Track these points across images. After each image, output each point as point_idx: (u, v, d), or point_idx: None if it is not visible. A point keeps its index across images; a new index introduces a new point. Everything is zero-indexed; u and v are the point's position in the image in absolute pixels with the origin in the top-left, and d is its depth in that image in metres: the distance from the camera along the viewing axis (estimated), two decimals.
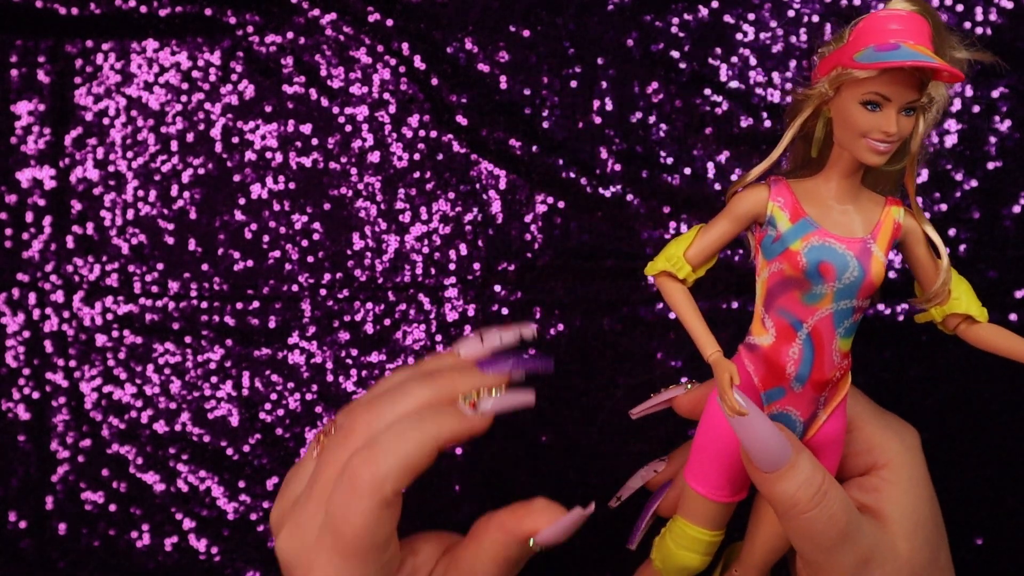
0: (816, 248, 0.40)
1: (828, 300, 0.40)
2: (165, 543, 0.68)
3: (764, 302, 0.42)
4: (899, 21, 0.38)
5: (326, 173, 0.67)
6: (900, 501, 0.43)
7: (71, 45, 0.67)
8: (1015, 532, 0.65)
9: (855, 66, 0.37)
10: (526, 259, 0.66)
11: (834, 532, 0.40)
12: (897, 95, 0.38)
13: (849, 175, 0.41)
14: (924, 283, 0.42)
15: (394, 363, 0.67)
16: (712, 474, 0.44)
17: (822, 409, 0.43)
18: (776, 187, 0.41)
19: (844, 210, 0.41)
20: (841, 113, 0.39)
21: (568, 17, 0.65)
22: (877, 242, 0.41)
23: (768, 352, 0.42)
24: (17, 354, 0.68)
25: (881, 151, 0.39)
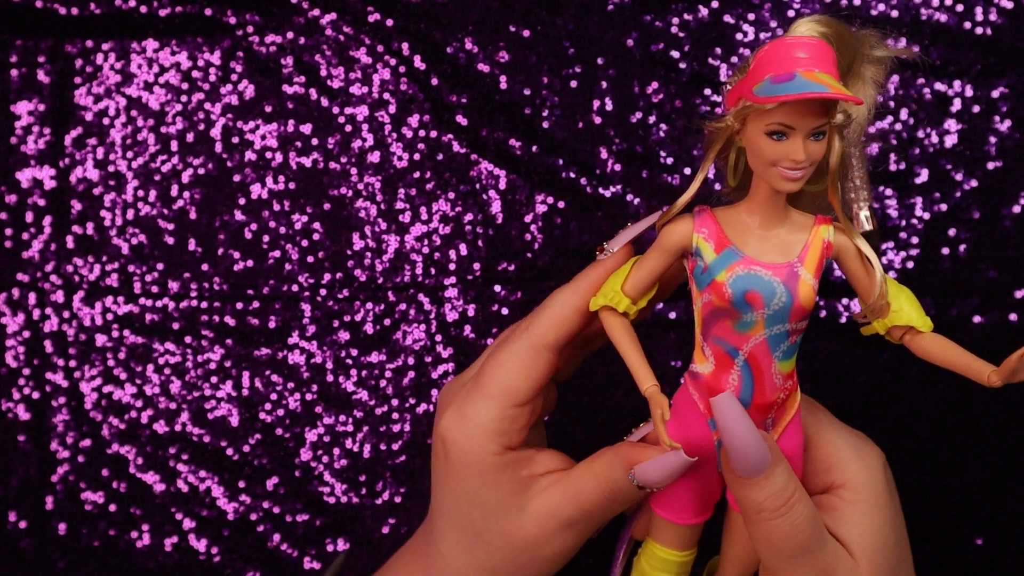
0: (741, 277, 0.40)
1: (760, 327, 0.40)
2: (165, 543, 0.68)
3: (701, 331, 0.42)
4: (800, 48, 0.38)
5: (326, 173, 0.67)
6: (859, 521, 0.43)
7: (71, 45, 0.67)
8: (1015, 532, 0.65)
9: (753, 99, 0.37)
10: (526, 259, 0.66)
11: (795, 542, 0.41)
12: (801, 123, 0.38)
13: (771, 200, 0.40)
14: (863, 297, 0.42)
15: (394, 363, 0.67)
16: (675, 498, 0.45)
17: (771, 430, 0.43)
18: (700, 218, 0.41)
19: (769, 235, 0.41)
20: (750, 144, 0.39)
21: (568, 17, 0.65)
22: (805, 265, 0.40)
23: (710, 380, 0.42)
24: (17, 354, 0.68)
25: (793, 178, 0.39)
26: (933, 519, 0.65)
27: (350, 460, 0.67)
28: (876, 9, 0.64)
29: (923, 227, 0.65)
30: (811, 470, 0.45)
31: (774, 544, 0.41)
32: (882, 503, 0.44)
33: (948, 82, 0.64)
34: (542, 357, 0.46)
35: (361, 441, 0.67)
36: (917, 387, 0.65)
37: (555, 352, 0.46)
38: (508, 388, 0.45)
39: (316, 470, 0.67)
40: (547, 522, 0.46)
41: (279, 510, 0.67)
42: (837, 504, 0.44)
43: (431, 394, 0.67)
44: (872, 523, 0.44)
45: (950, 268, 0.65)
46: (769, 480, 0.40)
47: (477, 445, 0.45)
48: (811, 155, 0.38)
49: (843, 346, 0.65)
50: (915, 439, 0.65)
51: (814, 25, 0.39)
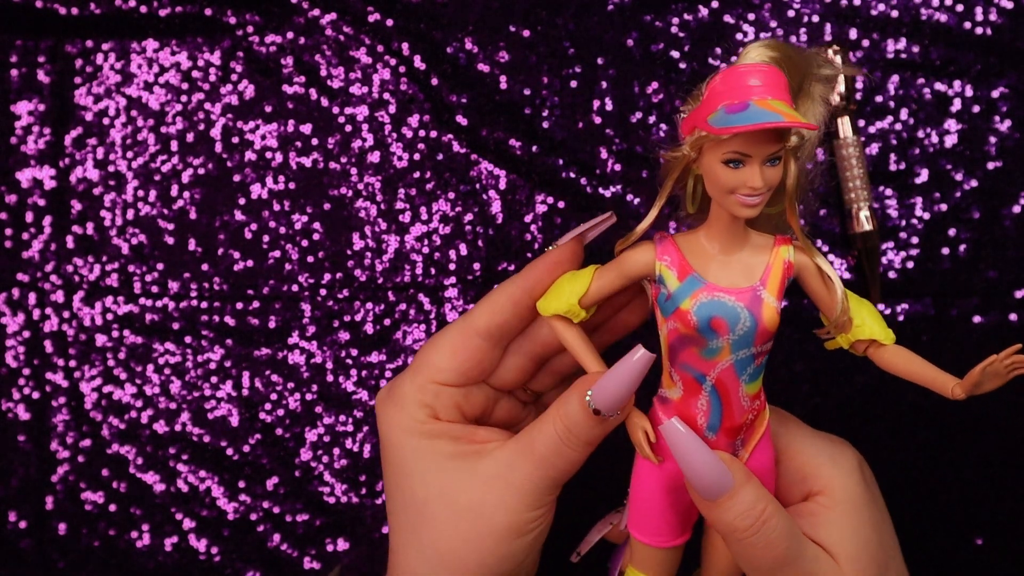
0: (705, 304, 0.40)
1: (726, 352, 0.40)
2: (165, 543, 0.68)
3: (668, 357, 0.42)
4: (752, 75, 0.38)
5: (326, 173, 0.67)
6: (838, 525, 0.43)
7: (71, 45, 0.67)
8: (1015, 532, 0.65)
9: (708, 129, 0.37)
10: (526, 259, 0.66)
11: (771, 557, 0.41)
12: (756, 151, 0.38)
13: (730, 225, 0.41)
14: (826, 313, 0.42)
15: (394, 363, 0.67)
16: (652, 521, 0.45)
17: (742, 449, 0.43)
18: (661, 245, 0.41)
19: (731, 260, 0.41)
20: (707, 172, 0.39)
21: (568, 17, 0.65)
22: (767, 288, 0.40)
23: (678, 405, 0.42)
24: (17, 354, 0.68)
25: (751, 204, 0.39)
26: (933, 519, 0.65)
27: (350, 460, 0.67)
28: (876, 9, 0.64)
29: (923, 227, 0.65)
30: (787, 480, 0.45)
31: (752, 561, 0.41)
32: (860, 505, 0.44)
33: (948, 82, 0.64)
34: (471, 341, 0.45)
35: (361, 441, 0.67)
36: (917, 387, 0.65)
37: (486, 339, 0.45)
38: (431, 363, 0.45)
39: (316, 470, 0.67)
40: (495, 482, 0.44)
41: (279, 510, 0.67)
42: (815, 511, 0.44)
43: None
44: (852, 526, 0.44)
45: (950, 268, 0.65)
46: (735, 501, 0.40)
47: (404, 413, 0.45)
48: (768, 181, 0.38)
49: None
50: (915, 439, 0.65)
51: (764, 50, 0.39)
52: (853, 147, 0.63)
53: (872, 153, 0.65)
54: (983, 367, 0.40)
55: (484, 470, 0.44)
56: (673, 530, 0.45)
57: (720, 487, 0.40)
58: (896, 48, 0.65)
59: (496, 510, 0.43)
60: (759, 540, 0.40)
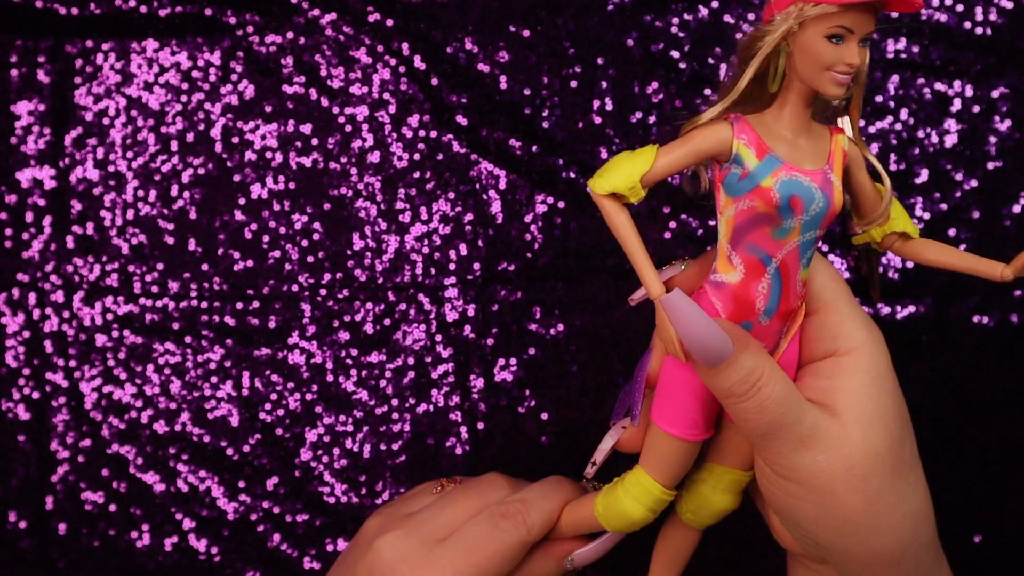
0: (786, 183, 0.40)
1: (796, 233, 0.41)
2: (165, 543, 0.68)
3: (731, 240, 0.42)
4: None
5: (326, 173, 0.67)
6: (856, 390, 0.44)
7: (71, 45, 0.67)
8: (1014, 531, 0.65)
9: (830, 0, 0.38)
10: (526, 259, 0.66)
11: (764, 421, 0.42)
12: (860, 27, 0.39)
13: (805, 108, 0.41)
14: (865, 207, 0.44)
15: (394, 363, 0.67)
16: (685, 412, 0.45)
17: (784, 338, 0.44)
18: (739, 125, 0.41)
19: (801, 143, 0.42)
20: (805, 48, 0.39)
21: (568, 17, 0.65)
22: (834, 171, 0.42)
23: (736, 289, 0.42)
24: (17, 354, 0.68)
25: (844, 83, 0.39)
26: None
27: (350, 460, 0.67)
28: None
29: (923, 227, 0.65)
30: (818, 335, 0.45)
31: (746, 423, 0.43)
32: (885, 376, 0.45)
33: (948, 82, 0.64)
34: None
35: (361, 441, 0.67)
36: (917, 387, 0.65)
37: None
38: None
39: (316, 470, 0.67)
40: None
41: (279, 510, 0.67)
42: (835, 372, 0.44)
43: (431, 394, 0.67)
44: (871, 393, 0.44)
45: None
46: (733, 368, 0.41)
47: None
48: (862, 59, 0.39)
49: None
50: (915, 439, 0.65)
51: None
52: None
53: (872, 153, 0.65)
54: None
55: None
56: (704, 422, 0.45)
57: (720, 355, 0.41)
58: (896, 48, 0.65)
59: None
60: (752, 404, 0.42)
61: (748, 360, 0.41)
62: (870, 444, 0.43)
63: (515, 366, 0.66)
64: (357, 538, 0.52)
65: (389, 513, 0.52)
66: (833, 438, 0.43)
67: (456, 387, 0.67)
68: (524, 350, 0.66)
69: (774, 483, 0.44)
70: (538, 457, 0.66)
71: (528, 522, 0.49)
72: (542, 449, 0.66)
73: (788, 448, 0.42)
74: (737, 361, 0.41)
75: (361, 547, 0.50)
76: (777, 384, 0.42)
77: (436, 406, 0.67)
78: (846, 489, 0.43)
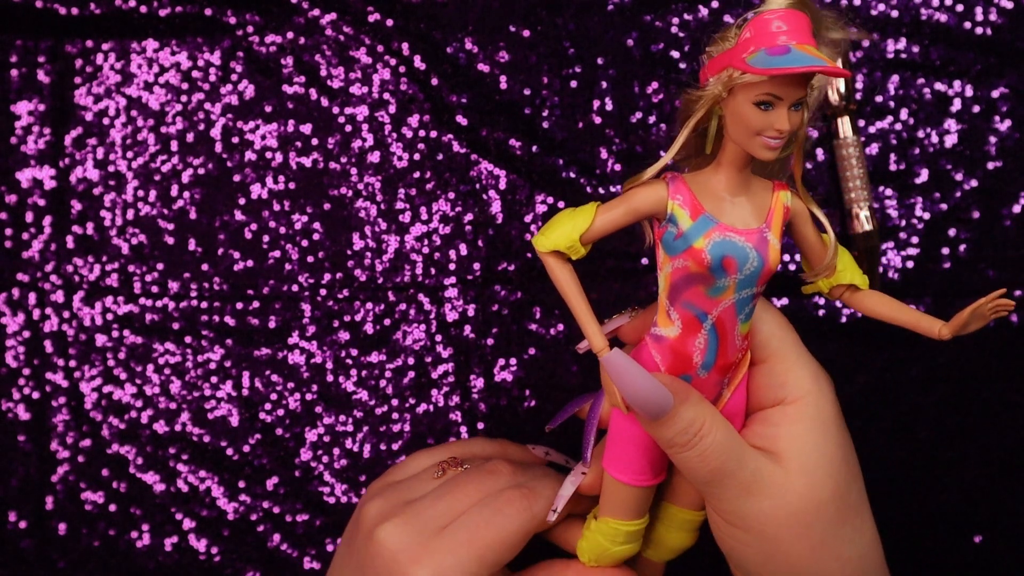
0: (718, 244, 0.41)
1: (731, 291, 0.42)
2: (165, 543, 0.68)
3: (668, 296, 0.43)
4: (782, 20, 0.39)
5: (326, 173, 0.67)
6: (800, 437, 0.45)
7: (71, 45, 0.67)
8: (1014, 530, 0.65)
9: (749, 70, 0.38)
10: (526, 259, 0.66)
11: (707, 469, 0.43)
12: (788, 94, 0.39)
13: (741, 168, 0.42)
14: (812, 259, 0.45)
15: (394, 363, 0.67)
16: (633, 461, 0.46)
17: (726, 388, 0.45)
18: (674, 185, 0.42)
19: (738, 202, 0.42)
20: (735, 113, 0.40)
21: (568, 17, 0.65)
22: (772, 230, 0.42)
23: (675, 343, 0.43)
24: (17, 354, 0.68)
25: (774, 147, 0.40)
26: (932, 517, 0.65)
27: (350, 460, 0.67)
28: (876, 9, 0.64)
29: (923, 227, 0.65)
30: (765, 383, 0.46)
31: (690, 471, 0.44)
32: (830, 425, 0.46)
33: (948, 82, 0.64)
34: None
35: (361, 441, 0.67)
36: (917, 387, 0.65)
37: None
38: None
39: (316, 470, 0.67)
40: None
41: (279, 510, 0.67)
42: (781, 420, 0.45)
43: (431, 394, 0.67)
44: (816, 441, 0.45)
45: (950, 268, 0.65)
46: (674, 420, 0.42)
47: None
48: (792, 125, 0.40)
49: (843, 346, 0.65)
50: (915, 439, 0.65)
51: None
52: (853, 147, 0.63)
53: (872, 153, 0.65)
54: (971, 309, 0.42)
55: None
56: (652, 468, 0.46)
57: (661, 408, 0.42)
58: (896, 48, 0.65)
59: None
60: (694, 454, 0.43)
61: (688, 411, 0.42)
62: (814, 492, 0.44)
63: (515, 366, 0.66)
64: (356, 524, 0.52)
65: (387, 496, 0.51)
66: (777, 485, 0.44)
67: (456, 387, 0.67)
68: (524, 350, 0.66)
69: (722, 529, 0.45)
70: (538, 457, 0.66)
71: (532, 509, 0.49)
72: None
73: (733, 495, 0.43)
74: (678, 413, 0.42)
75: (362, 536, 0.50)
76: (719, 433, 0.43)
77: (436, 406, 0.67)
78: (790, 536, 0.44)
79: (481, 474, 0.51)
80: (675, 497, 0.50)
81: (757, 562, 0.45)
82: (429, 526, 0.48)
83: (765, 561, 0.44)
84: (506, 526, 0.48)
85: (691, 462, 0.43)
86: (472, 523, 0.48)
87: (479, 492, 0.50)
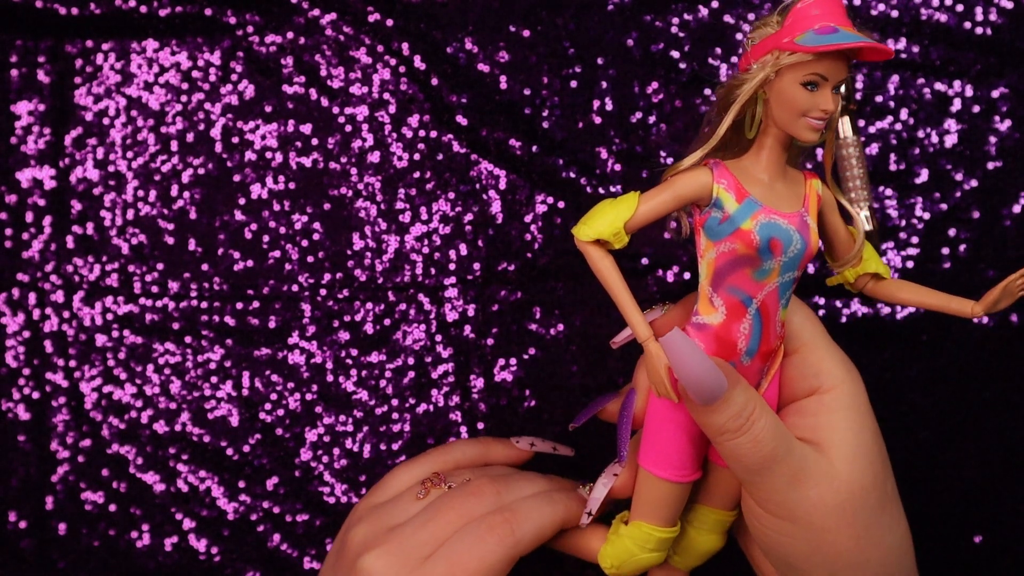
0: (765, 225, 0.41)
1: (775, 274, 0.42)
2: (165, 543, 0.68)
3: (711, 282, 0.43)
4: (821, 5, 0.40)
5: (326, 173, 0.67)
6: (839, 426, 0.45)
7: (71, 45, 0.67)
8: (1014, 530, 0.65)
9: (801, 49, 0.39)
10: (526, 259, 0.66)
11: (759, 455, 0.42)
12: (833, 74, 0.40)
13: (780, 153, 0.43)
14: (839, 249, 0.45)
15: (394, 363, 0.67)
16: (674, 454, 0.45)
17: (764, 378, 0.45)
18: (718, 170, 0.42)
19: (777, 187, 0.43)
20: (781, 94, 0.41)
21: (568, 17, 0.65)
22: (810, 214, 0.43)
23: (719, 330, 0.43)
24: (17, 354, 0.68)
25: (819, 128, 0.41)
26: (933, 517, 0.65)
27: (350, 460, 0.67)
28: (876, 9, 0.64)
29: (923, 227, 0.65)
30: (799, 374, 0.46)
31: (741, 460, 0.43)
32: (865, 412, 0.46)
33: (948, 82, 0.64)
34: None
35: (361, 441, 0.67)
36: (917, 387, 0.65)
37: None
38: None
39: (316, 470, 0.67)
40: None
41: (279, 510, 0.67)
42: (818, 409, 0.45)
43: (431, 394, 0.67)
44: (855, 428, 0.45)
45: (950, 268, 0.65)
46: (728, 404, 0.42)
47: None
48: (836, 105, 0.41)
49: (843, 346, 0.65)
50: (915, 439, 0.65)
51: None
52: (853, 147, 0.63)
53: (872, 153, 0.65)
54: (1002, 286, 0.42)
55: None
56: (692, 462, 0.46)
57: (717, 392, 0.41)
58: (896, 48, 0.65)
59: None
60: (747, 440, 0.42)
61: (740, 395, 0.42)
62: (858, 480, 0.44)
63: (515, 366, 0.66)
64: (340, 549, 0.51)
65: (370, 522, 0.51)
66: (823, 474, 0.43)
67: (456, 387, 0.67)
68: (524, 350, 0.66)
69: (765, 523, 0.45)
70: (538, 457, 0.66)
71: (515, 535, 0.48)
72: None
73: (781, 484, 0.43)
74: (731, 397, 0.42)
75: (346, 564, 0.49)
76: (769, 417, 0.43)
77: (436, 406, 0.67)
78: (838, 525, 0.43)
79: (464, 496, 0.50)
80: (708, 498, 0.49)
81: (802, 554, 0.44)
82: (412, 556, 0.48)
83: (811, 553, 0.44)
84: (488, 555, 0.47)
85: (743, 448, 0.42)
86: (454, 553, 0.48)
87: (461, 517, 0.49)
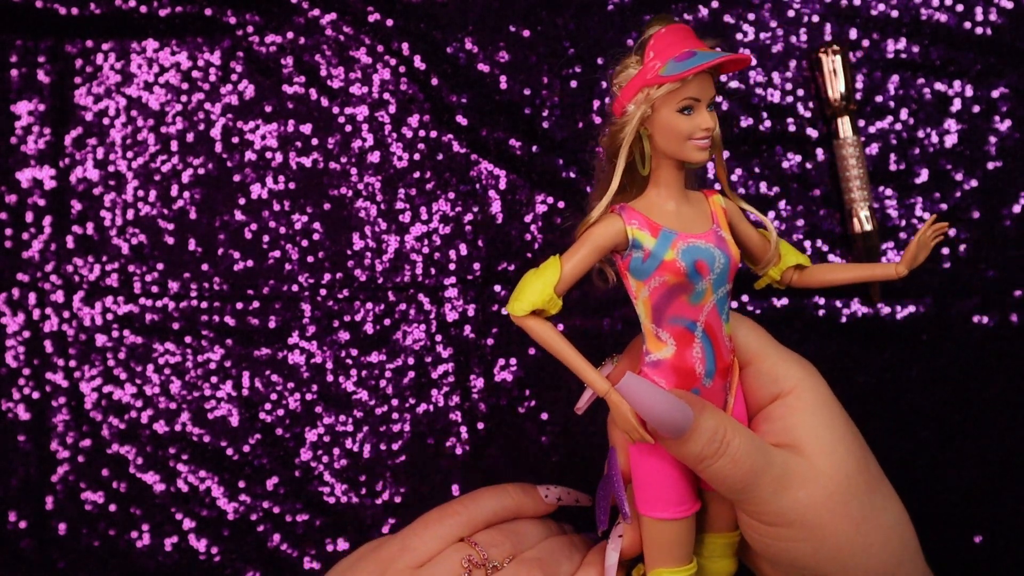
0: (686, 250, 0.42)
1: (709, 293, 0.43)
2: (165, 543, 0.68)
3: (652, 318, 0.44)
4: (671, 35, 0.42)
5: (326, 173, 0.67)
6: (809, 423, 0.45)
7: (71, 45, 0.67)
8: (1014, 530, 0.65)
9: (667, 79, 0.41)
10: (526, 259, 0.66)
11: (740, 473, 0.43)
12: (703, 94, 0.42)
13: (677, 179, 0.44)
14: (756, 252, 0.47)
15: (394, 363, 0.67)
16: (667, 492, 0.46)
17: (729, 394, 0.45)
18: (626, 213, 0.44)
19: (684, 212, 0.44)
20: (662, 126, 0.43)
21: (568, 17, 0.65)
22: (722, 227, 0.44)
23: (674, 362, 0.44)
24: (17, 354, 0.68)
25: (705, 147, 0.43)
26: (932, 517, 0.65)
27: (350, 460, 0.67)
28: (876, 9, 0.64)
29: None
30: (758, 383, 0.47)
31: (725, 481, 0.43)
32: (831, 403, 0.46)
33: (948, 82, 0.64)
34: None
35: (361, 441, 0.67)
36: (917, 387, 0.65)
37: None
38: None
39: (316, 470, 0.67)
40: None
41: (279, 510, 0.67)
42: (785, 412, 0.46)
43: (431, 394, 0.67)
44: (825, 422, 0.45)
45: (950, 268, 0.65)
46: (699, 431, 0.42)
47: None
48: (714, 122, 0.43)
49: (843, 346, 0.65)
50: (915, 439, 0.65)
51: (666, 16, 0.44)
52: (853, 147, 0.63)
53: (872, 153, 0.65)
54: (916, 240, 0.44)
55: None
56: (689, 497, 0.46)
57: (685, 423, 0.42)
58: (896, 48, 0.65)
59: None
60: (726, 461, 0.43)
61: (709, 420, 0.43)
62: (841, 468, 0.44)
63: (515, 366, 0.66)
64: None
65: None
66: (806, 474, 0.44)
67: (456, 387, 0.67)
68: (524, 350, 0.66)
69: (764, 534, 0.45)
70: (538, 457, 0.66)
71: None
72: (542, 449, 0.66)
73: (768, 494, 0.43)
74: (700, 424, 0.42)
75: None
76: (741, 434, 0.43)
77: (436, 406, 0.67)
78: (833, 517, 0.44)
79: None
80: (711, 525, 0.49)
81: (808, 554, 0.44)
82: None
83: (815, 552, 0.44)
84: None
85: (724, 471, 0.43)
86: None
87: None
